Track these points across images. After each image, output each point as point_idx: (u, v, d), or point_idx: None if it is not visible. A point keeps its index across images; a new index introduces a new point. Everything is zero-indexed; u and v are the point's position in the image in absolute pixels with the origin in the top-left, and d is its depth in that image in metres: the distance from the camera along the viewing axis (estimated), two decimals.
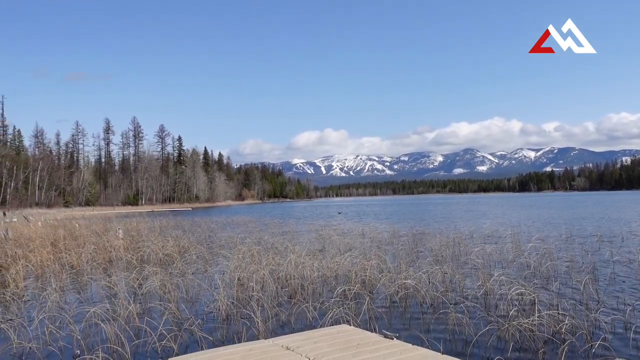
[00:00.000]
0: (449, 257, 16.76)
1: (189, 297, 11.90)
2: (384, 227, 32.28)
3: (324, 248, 20.25)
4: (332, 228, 31.26)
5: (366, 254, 16.47)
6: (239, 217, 52.36)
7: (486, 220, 40.75)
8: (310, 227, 34.69)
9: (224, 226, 37.77)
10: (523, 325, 8.28)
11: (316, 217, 56.99)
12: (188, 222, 41.42)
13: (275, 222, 40.10)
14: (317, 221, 44.13)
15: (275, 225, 35.46)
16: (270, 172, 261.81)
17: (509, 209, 66.99)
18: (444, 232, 27.02)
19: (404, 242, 21.07)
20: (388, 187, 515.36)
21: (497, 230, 27.03)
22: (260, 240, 23.09)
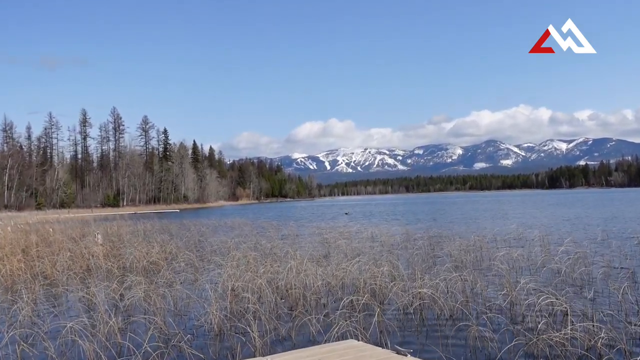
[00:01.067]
0: (469, 263, 16.75)
1: (177, 309, 11.93)
2: (396, 229, 32.28)
3: (329, 253, 20.23)
4: (338, 231, 31.25)
5: (376, 259, 16.47)
6: (233, 219, 52.38)
7: (511, 221, 40.66)
8: (313, 230, 34.69)
9: (215, 230, 37.77)
10: (554, 339, 8.27)
11: (320, 218, 56.96)
12: (175, 225, 41.47)
13: (274, 225, 40.11)
14: (320, 223, 44.11)
15: (273, 228, 35.47)
16: (268, 169, 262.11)
17: (538, 208, 66.90)
18: (463, 234, 26.97)
19: (418, 247, 21.07)
20: (400, 184, 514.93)
21: (524, 233, 27.00)
22: (257, 245, 23.11)
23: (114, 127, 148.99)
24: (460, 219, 45.97)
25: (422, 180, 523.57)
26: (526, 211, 58.03)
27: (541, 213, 52.42)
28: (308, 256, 17.36)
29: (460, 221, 42.99)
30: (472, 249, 19.72)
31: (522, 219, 43.49)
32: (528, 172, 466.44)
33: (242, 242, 24.64)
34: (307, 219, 56.98)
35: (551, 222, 38.15)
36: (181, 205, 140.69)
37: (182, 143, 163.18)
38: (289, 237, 28.72)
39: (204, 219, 56.25)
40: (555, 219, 41.95)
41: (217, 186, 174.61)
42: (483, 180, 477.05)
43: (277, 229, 35.76)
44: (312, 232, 33.29)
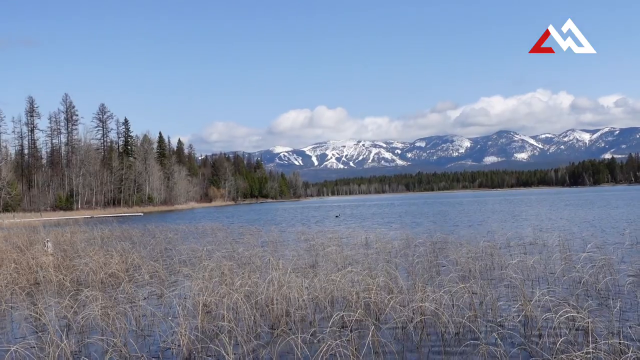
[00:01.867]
0: (478, 273, 16.83)
1: (139, 329, 11.88)
2: (395, 234, 32.35)
3: (316, 263, 20.23)
4: (327, 236, 31.26)
5: (371, 269, 16.49)
6: (205, 223, 52.26)
7: (526, 223, 40.87)
8: (298, 235, 34.70)
9: (185, 236, 37.65)
10: (574, 359, 8.33)
11: (306, 222, 56.97)
12: (138, 231, 41.30)
13: (253, 230, 40.06)
14: (307, 228, 44.11)
15: (252, 234, 35.43)
16: (246, 165, 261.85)
17: (557, 208, 67.36)
18: (472, 239, 27.09)
19: (420, 254, 21.14)
20: (400, 182, 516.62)
21: (540, 237, 27.18)
22: (233, 254, 23.08)
23: (65, 117, 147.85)
24: (467, 222, 46.16)
25: (424, 177, 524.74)
26: (543, 212, 58.39)
27: (561, 214, 52.77)
28: (292, 266, 17.35)
29: (467, 224, 43.16)
30: (481, 256, 19.81)
31: (538, 221, 43.74)
32: (546, 167, 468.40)
33: (215, 250, 24.58)
34: (291, 222, 56.89)
35: (572, 224, 38.41)
36: (145, 208, 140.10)
37: (146, 136, 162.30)
38: (270, 244, 28.70)
39: (172, 223, 56.06)
40: (576, 221, 42.25)
41: (186, 185, 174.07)
42: (494, 177, 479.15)
43: (256, 234, 35.71)
44: (296, 237, 33.25)
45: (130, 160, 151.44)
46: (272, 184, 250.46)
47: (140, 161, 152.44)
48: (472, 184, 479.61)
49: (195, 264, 20.62)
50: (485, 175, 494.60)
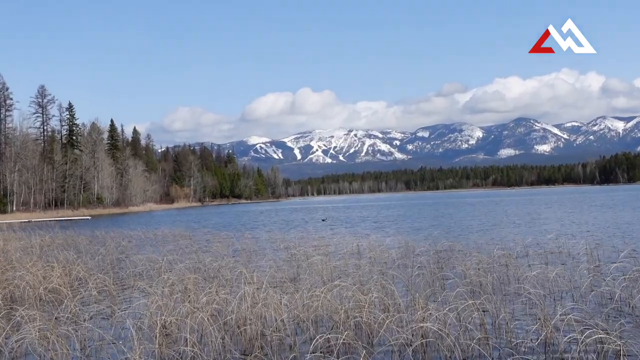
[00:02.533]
0: (490, 287, 16.87)
1: (85, 355, 11.83)
2: (391, 241, 32.39)
3: (298, 275, 20.20)
4: (311, 244, 31.25)
5: (363, 283, 16.50)
6: (166, 229, 52.09)
7: (548, 228, 41.07)
8: (276, 242, 34.67)
9: (141, 244, 37.46)
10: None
11: (286, 226, 57.04)
12: (85, 238, 41.07)
13: (222, 236, 39.97)
14: (287, 233, 44.09)
15: (221, 241, 35.36)
16: (215, 159, 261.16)
17: (584, 210, 67.77)
18: (483, 247, 27.16)
19: (421, 264, 21.17)
20: (398, 179, 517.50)
21: (564, 244, 27.32)
22: (199, 265, 23.02)
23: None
24: (478, 227, 46.33)
25: (427, 174, 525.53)
26: (568, 215, 58.71)
27: (588, 217, 53.07)
28: (269, 279, 17.33)
29: (477, 229, 43.31)
30: (494, 267, 19.86)
31: (562, 225, 43.98)
32: (572, 162, 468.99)
33: (177, 261, 24.51)
34: (268, 227, 56.82)
35: (601, 230, 38.64)
36: (93, 210, 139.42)
37: (95, 124, 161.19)
38: (243, 253, 28.65)
39: (125, 228, 55.77)
40: (607, 225, 42.51)
41: (143, 183, 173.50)
42: (511, 173, 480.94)
43: (226, 241, 35.63)
44: (275, 245, 33.22)
45: (75, 153, 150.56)
46: (247, 182, 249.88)
47: (87, 154, 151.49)
48: (485, 182, 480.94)
49: (153, 277, 20.54)
50: (500, 171, 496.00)
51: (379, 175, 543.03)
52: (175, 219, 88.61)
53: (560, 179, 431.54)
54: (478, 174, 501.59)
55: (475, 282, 17.36)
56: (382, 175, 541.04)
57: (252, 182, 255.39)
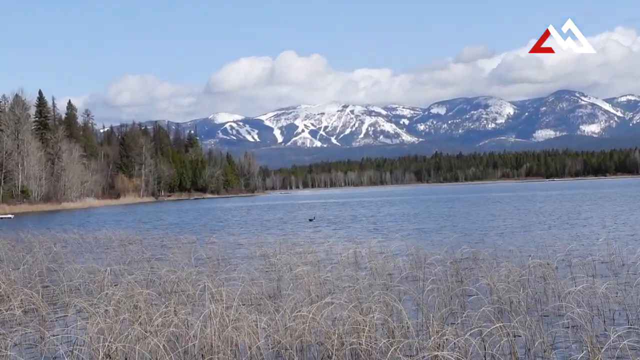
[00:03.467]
0: (524, 305, 16.92)
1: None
2: (398, 246, 32.42)
3: (279, 291, 20.23)
4: (296, 250, 31.22)
5: (362, 300, 16.49)
6: (110, 231, 51.90)
7: (596, 231, 41.17)
8: (251, 248, 34.64)
9: (79, 250, 37.37)
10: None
11: (264, 228, 57.04)
12: (7, 242, 40.81)
13: (182, 241, 39.87)
14: (265, 237, 44.07)
15: (181, 247, 35.29)
16: (173, 142, 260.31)
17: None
18: (514, 254, 27.19)
19: (436, 277, 21.19)
20: (407, 168, 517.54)
21: (617, 251, 27.38)
22: (152, 278, 23.02)
23: None
24: (507, 229, 46.40)
25: (443, 161, 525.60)
26: (621, 215, 58.84)
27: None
28: (242, 295, 17.33)
29: (507, 232, 43.38)
30: (529, 280, 19.90)
31: (613, 228, 44.06)
32: (628, 146, 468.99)
33: (125, 272, 24.44)
34: (241, 229, 56.82)
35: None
36: (18, 206, 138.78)
37: (19, 96, 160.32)
38: (209, 261, 28.63)
39: (59, 230, 55.61)
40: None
41: (81, 173, 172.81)
42: (550, 161, 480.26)
43: (187, 247, 35.57)
44: (249, 252, 33.25)
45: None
46: (213, 171, 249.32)
47: (9, 136, 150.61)
48: (517, 171, 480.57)
49: (93, 292, 20.50)
50: (536, 158, 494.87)
51: (381, 163, 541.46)
52: (121, 219, 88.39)
53: (613, 168, 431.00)
54: (508, 162, 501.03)
55: (505, 300, 17.40)
56: (386, 163, 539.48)
57: (220, 172, 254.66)
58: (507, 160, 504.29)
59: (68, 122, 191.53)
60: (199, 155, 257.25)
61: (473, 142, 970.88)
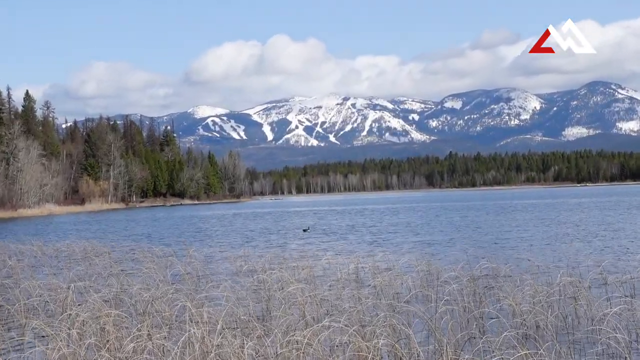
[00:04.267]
0: (552, 329, 16.96)
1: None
2: (406, 261, 32.44)
3: (269, 312, 20.24)
4: (288, 265, 31.23)
5: (365, 324, 16.52)
6: (74, 241, 51.90)
7: (635, 245, 41.21)
8: (236, 263, 34.68)
9: (37, 263, 37.38)
10: None
11: (251, 239, 57.25)
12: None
13: (157, 253, 39.89)
14: (253, 249, 44.13)
15: (156, 260, 35.29)
16: (147, 139, 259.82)
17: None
18: (541, 271, 27.25)
19: (449, 296, 21.21)
20: (417, 171, 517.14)
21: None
22: (122, 296, 23.02)
23: None
24: (533, 242, 46.47)
25: (459, 163, 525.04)
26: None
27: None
28: (226, 317, 17.32)
29: (533, 245, 43.45)
30: (557, 300, 19.93)
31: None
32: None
33: (90, 289, 24.46)
34: (224, 240, 57.01)
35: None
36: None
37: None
38: (188, 278, 28.64)
39: (14, 241, 55.60)
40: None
41: (40, 175, 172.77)
42: (582, 163, 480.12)
43: (162, 261, 35.61)
44: (234, 267, 33.35)
45: None
46: (193, 173, 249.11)
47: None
48: (544, 175, 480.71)
49: (54, 313, 20.51)
50: (566, 160, 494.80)
51: (387, 164, 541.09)
52: (87, 228, 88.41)
53: None
54: (534, 164, 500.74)
55: (530, 323, 17.43)
56: (392, 165, 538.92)
57: (201, 174, 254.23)
58: (532, 162, 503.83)
59: (25, 115, 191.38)
60: (176, 155, 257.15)
61: (493, 141, 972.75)
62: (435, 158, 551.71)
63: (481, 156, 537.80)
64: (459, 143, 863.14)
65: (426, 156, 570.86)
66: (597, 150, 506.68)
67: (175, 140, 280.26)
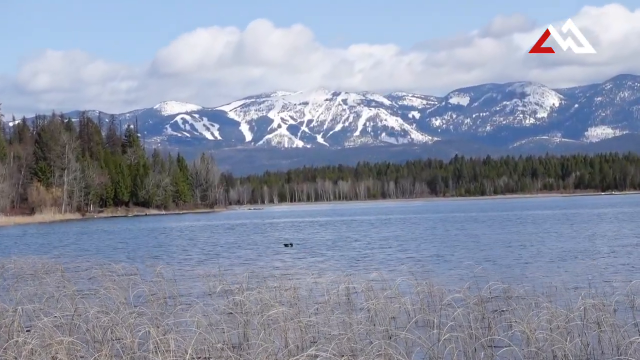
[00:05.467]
0: (572, 358, 16.98)
1: None
2: (404, 281, 32.51)
3: (246, 340, 20.27)
4: (268, 285, 31.28)
5: (356, 353, 16.55)
6: (21, 257, 51.92)
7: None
8: (209, 282, 34.72)
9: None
10: None
11: (225, 256, 57.46)
12: None
13: (118, 271, 39.91)
14: (227, 267, 44.20)
15: (116, 279, 35.32)
16: (106, 139, 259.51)
17: None
18: (558, 293, 27.31)
19: (454, 321, 21.25)
20: (418, 177, 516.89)
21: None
22: (76, 321, 22.99)
23: None
24: (550, 258, 46.59)
25: (466, 168, 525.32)
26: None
27: None
28: (196, 346, 17.34)
29: (549, 263, 43.56)
30: (579, 327, 19.98)
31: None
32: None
33: (40, 313, 24.45)
34: (194, 257, 57.22)
35: None
36: None
37: None
38: (153, 299, 28.67)
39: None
40: None
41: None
42: (607, 168, 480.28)
43: (124, 280, 35.63)
44: (205, 288, 33.45)
45: None
46: (159, 179, 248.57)
47: None
48: (564, 182, 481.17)
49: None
50: (588, 165, 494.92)
51: (384, 169, 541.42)
52: (36, 241, 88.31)
53: None
54: (552, 169, 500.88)
55: (546, 353, 17.49)
56: (389, 169, 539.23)
57: (169, 180, 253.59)
58: (550, 167, 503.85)
59: None
60: (140, 158, 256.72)
61: (505, 143, 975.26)
62: (439, 162, 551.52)
63: (491, 160, 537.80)
64: (465, 145, 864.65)
65: (428, 160, 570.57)
66: (624, 154, 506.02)
67: (139, 140, 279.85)
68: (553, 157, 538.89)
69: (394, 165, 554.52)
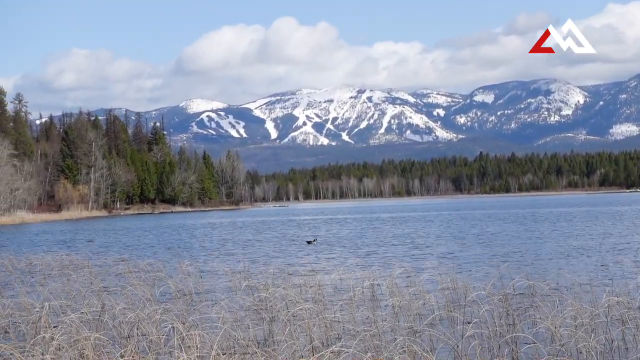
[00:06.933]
0: (595, 357, 16.88)
1: None
2: (429, 277, 32.40)
3: (271, 336, 20.23)
4: (292, 282, 31.22)
5: (381, 349, 16.49)
6: (48, 254, 51.92)
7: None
8: (234, 279, 34.63)
9: (7, 279, 37.41)
10: None
11: (250, 252, 57.49)
12: None
13: (143, 267, 39.90)
14: (252, 263, 44.19)
15: (142, 276, 35.30)
16: (132, 137, 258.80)
17: None
18: (583, 290, 27.16)
19: (478, 318, 21.17)
20: (443, 174, 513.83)
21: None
22: (104, 317, 23.00)
23: None
24: (575, 255, 46.36)
25: (491, 165, 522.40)
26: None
27: None
28: (222, 341, 17.32)
29: (574, 260, 43.35)
30: (603, 324, 19.88)
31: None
32: None
33: (67, 309, 24.45)
34: (220, 253, 57.33)
35: None
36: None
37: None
38: (179, 296, 28.64)
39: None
40: None
41: (11, 177, 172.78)
42: (632, 165, 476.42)
43: (150, 276, 35.62)
44: (231, 284, 33.41)
45: None
46: (185, 176, 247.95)
47: None
48: (589, 179, 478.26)
49: (26, 335, 20.52)
50: (613, 162, 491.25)
51: (408, 167, 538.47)
52: (63, 239, 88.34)
53: None
54: (577, 167, 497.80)
55: (571, 350, 17.39)
56: (414, 167, 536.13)
57: (195, 177, 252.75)
58: (574, 165, 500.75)
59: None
60: (166, 156, 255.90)
61: (530, 141, 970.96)
62: (464, 159, 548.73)
63: (516, 157, 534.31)
64: (490, 142, 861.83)
65: (453, 157, 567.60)
66: None
67: (165, 138, 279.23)
68: (578, 154, 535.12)
69: (418, 162, 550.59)
